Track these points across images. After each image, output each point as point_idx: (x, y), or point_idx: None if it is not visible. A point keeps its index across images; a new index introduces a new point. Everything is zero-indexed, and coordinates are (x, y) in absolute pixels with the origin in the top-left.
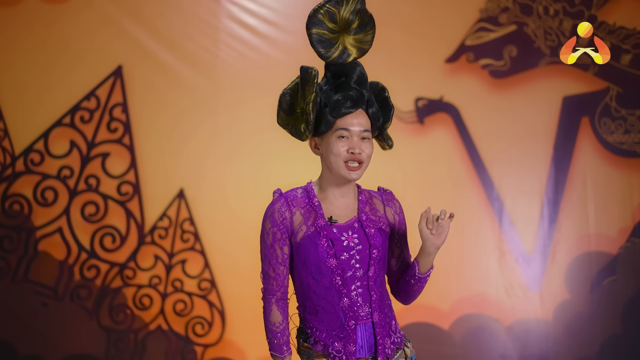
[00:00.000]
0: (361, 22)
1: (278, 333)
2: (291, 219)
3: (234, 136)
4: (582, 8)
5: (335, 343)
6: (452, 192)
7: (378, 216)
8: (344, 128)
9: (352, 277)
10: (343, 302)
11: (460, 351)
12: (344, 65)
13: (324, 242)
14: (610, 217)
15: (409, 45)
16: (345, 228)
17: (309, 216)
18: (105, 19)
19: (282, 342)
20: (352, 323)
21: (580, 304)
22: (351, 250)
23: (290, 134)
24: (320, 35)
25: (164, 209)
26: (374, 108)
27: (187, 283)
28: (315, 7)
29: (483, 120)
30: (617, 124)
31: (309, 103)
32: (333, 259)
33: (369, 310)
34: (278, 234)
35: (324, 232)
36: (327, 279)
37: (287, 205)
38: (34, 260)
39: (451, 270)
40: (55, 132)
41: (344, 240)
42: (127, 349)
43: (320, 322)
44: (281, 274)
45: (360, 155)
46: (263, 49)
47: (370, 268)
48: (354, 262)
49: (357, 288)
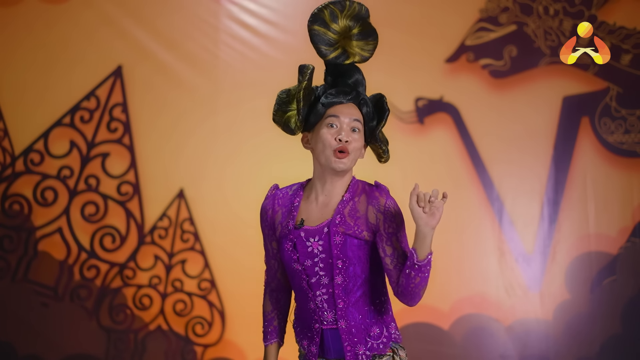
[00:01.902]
0: (363, 30)
1: (265, 322)
2: (272, 216)
3: (233, 136)
4: (582, 8)
5: (304, 341)
6: (452, 192)
7: (356, 217)
8: (334, 115)
9: (317, 283)
10: (309, 304)
11: (460, 351)
12: (343, 66)
13: (289, 245)
14: (610, 217)
15: (409, 45)
16: (312, 233)
17: (286, 216)
18: (105, 19)
19: (268, 331)
20: (317, 326)
21: (580, 304)
22: (314, 257)
23: (282, 130)
24: (321, 33)
25: (164, 209)
26: (368, 108)
27: (187, 283)
28: (319, 5)
29: (483, 120)
30: (617, 124)
31: (301, 91)
32: (297, 263)
33: (334, 317)
34: (265, 230)
35: (291, 236)
36: (295, 280)
37: (272, 203)
38: (33, 260)
39: (451, 270)
40: (55, 132)
41: (308, 246)
42: (127, 349)
43: (297, 318)
44: (272, 267)
45: (348, 144)
46: (263, 49)
47: (335, 277)
48: (318, 270)
49: (322, 294)
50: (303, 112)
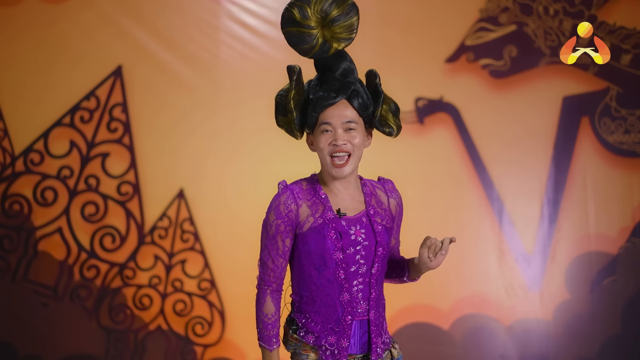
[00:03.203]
0: (341, 11)
1: (269, 325)
2: (297, 211)
3: (234, 136)
4: (582, 8)
5: (329, 337)
6: (452, 192)
7: (383, 208)
8: (326, 122)
9: (355, 272)
10: (343, 296)
11: (460, 351)
12: (328, 58)
13: (332, 234)
14: (610, 217)
15: (409, 45)
16: (353, 222)
17: (316, 208)
18: (105, 19)
19: (272, 335)
20: (349, 318)
21: (580, 304)
22: (357, 245)
23: (287, 133)
24: (296, 33)
25: (164, 209)
26: (360, 98)
27: (187, 283)
28: (286, 6)
29: (483, 120)
30: (617, 124)
31: (290, 101)
32: (339, 252)
33: (367, 308)
34: (282, 227)
35: (333, 225)
36: (330, 271)
37: (294, 198)
38: (33, 260)
39: (451, 270)
40: (55, 132)
41: (352, 234)
42: (127, 349)
43: (316, 314)
44: (280, 266)
45: (345, 146)
46: (263, 49)
47: (374, 265)
48: (359, 258)
49: (358, 284)
50: (298, 118)
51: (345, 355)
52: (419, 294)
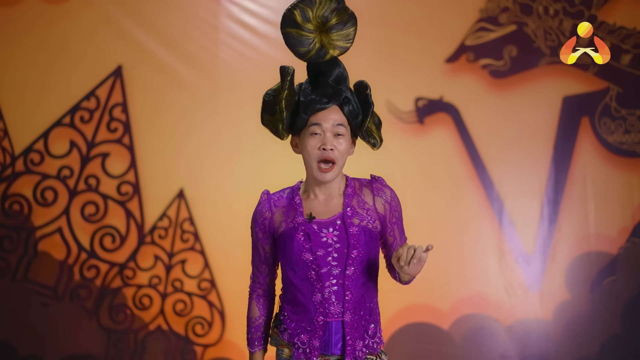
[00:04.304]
0: (340, 20)
1: (252, 328)
2: (271, 218)
3: (234, 136)
4: (582, 8)
5: (302, 335)
6: (452, 192)
7: (366, 209)
8: (316, 123)
9: (328, 273)
10: (315, 296)
11: (460, 351)
12: (322, 64)
13: (300, 236)
14: (610, 217)
15: (409, 45)
16: (326, 224)
17: (289, 214)
18: (105, 19)
19: (255, 338)
20: (321, 319)
21: (580, 304)
22: (329, 247)
23: (272, 133)
24: (295, 35)
25: (164, 209)
26: (351, 106)
27: (187, 283)
28: (288, 6)
29: (483, 120)
30: (617, 124)
31: (282, 101)
32: (309, 253)
33: (341, 310)
34: (260, 234)
35: (302, 227)
36: (302, 272)
37: (269, 206)
38: (33, 260)
39: (451, 270)
40: (55, 132)
41: (322, 236)
42: (127, 349)
43: (293, 312)
44: (263, 272)
45: (332, 153)
46: (263, 49)
47: (348, 267)
48: (331, 259)
49: (331, 285)
50: (287, 119)
51: (317, 355)
52: (419, 294)
